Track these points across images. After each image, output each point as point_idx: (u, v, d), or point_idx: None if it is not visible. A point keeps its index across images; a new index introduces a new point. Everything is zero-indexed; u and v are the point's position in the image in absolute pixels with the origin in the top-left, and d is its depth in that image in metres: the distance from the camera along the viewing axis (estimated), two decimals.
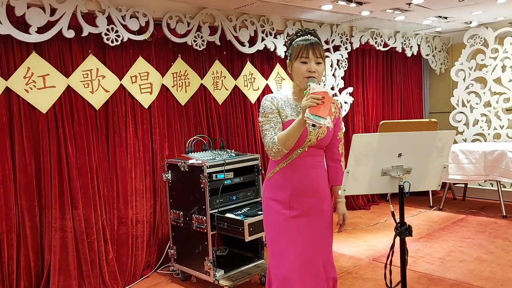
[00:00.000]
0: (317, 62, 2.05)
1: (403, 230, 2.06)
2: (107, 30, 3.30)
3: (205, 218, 3.27)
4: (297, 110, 2.11)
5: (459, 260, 3.70)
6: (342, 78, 5.19)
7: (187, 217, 3.43)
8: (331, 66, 5.05)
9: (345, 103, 5.25)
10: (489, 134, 5.69)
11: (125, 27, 3.40)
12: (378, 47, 5.48)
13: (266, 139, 2.07)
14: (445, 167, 2.09)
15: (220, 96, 4.20)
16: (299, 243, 2.11)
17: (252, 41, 4.26)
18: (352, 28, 5.21)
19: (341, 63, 5.15)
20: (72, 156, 3.24)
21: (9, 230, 2.99)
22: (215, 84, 4.15)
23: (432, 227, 4.67)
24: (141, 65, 3.64)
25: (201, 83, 4.05)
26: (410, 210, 5.32)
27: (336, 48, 5.09)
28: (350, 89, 5.26)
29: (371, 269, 3.60)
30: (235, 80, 4.30)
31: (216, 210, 3.28)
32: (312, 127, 1.97)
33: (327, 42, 4.96)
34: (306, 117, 1.87)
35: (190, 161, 3.37)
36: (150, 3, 3.54)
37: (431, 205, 5.45)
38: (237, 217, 3.17)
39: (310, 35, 2.10)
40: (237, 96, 4.36)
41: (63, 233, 3.20)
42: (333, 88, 5.09)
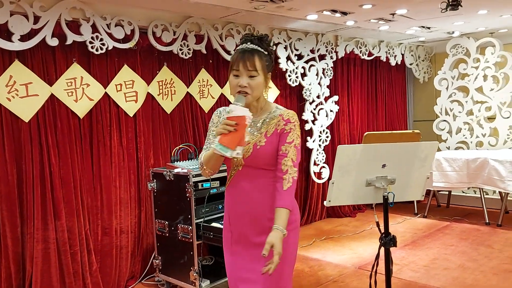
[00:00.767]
0: (249, 75, 1.77)
1: (387, 240, 2.09)
2: (92, 38, 3.28)
3: (190, 227, 3.25)
4: None
5: (443, 267, 3.74)
6: (327, 86, 5.23)
7: (172, 227, 3.41)
8: (317, 75, 5.09)
9: (331, 111, 5.28)
10: (471, 142, 5.79)
11: (110, 35, 3.38)
12: (362, 56, 5.55)
13: (200, 154, 1.90)
14: (428, 178, 2.12)
15: (206, 104, 4.19)
16: (237, 268, 1.93)
17: None
18: (337, 37, 5.27)
19: (326, 72, 5.19)
20: (55, 165, 3.19)
21: None
22: (201, 92, 4.14)
23: (416, 234, 4.71)
24: (126, 73, 3.61)
25: (187, 92, 4.04)
26: (395, 217, 5.36)
27: (321, 57, 5.13)
28: (335, 98, 5.31)
29: (357, 277, 3.61)
30: (221, 88, 4.30)
31: (201, 219, 3.27)
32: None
33: (312, 51, 5.00)
34: (212, 147, 1.71)
35: (175, 170, 3.35)
36: (135, 12, 3.53)
37: (416, 212, 5.51)
38: (223, 227, 3.16)
39: (250, 43, 1.80)
40: (223, 104, 4.35)
41: (46, 244, 3.14)
42: (318, 96, 5.13)
